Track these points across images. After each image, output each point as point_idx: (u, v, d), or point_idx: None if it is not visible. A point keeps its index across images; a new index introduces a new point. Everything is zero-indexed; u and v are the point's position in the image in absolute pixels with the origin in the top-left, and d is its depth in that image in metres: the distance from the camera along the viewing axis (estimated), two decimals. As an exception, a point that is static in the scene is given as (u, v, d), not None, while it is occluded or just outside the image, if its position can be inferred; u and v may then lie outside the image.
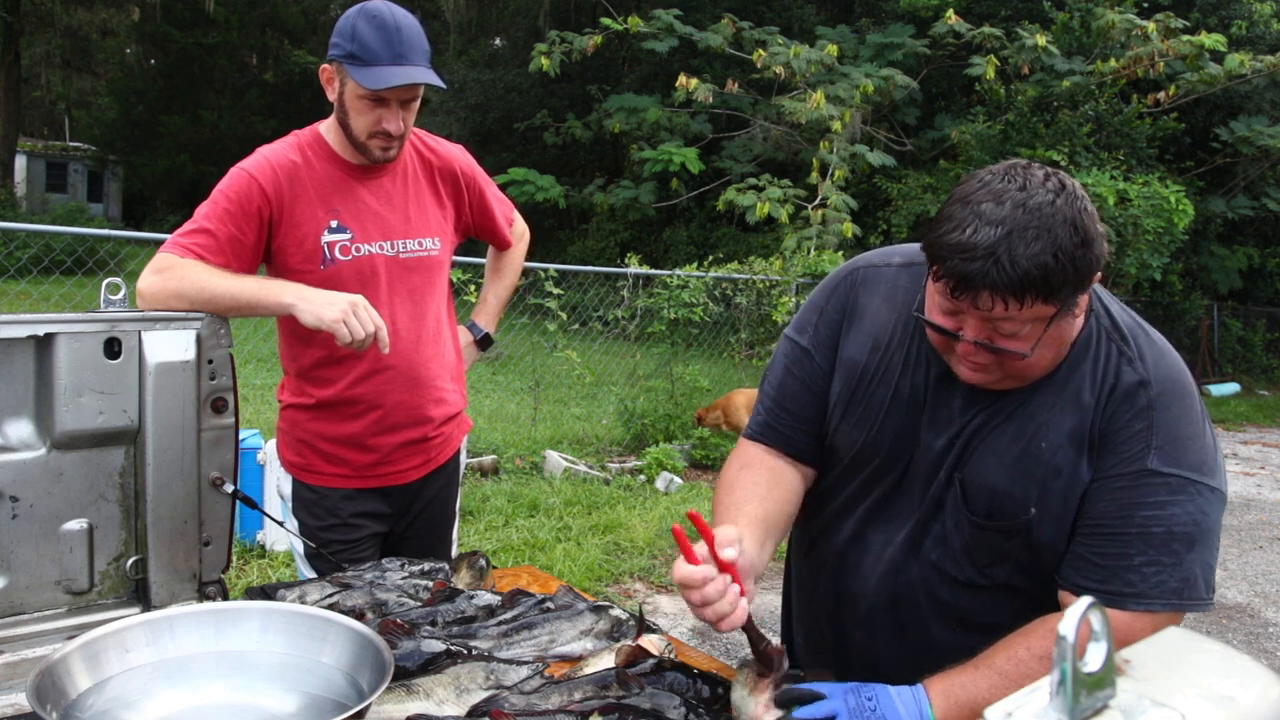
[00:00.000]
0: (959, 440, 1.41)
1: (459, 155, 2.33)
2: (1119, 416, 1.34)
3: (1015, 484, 1.36)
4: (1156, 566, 1.30)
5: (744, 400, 7.64)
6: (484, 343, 2.56)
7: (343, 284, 2.04)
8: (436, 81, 2.05)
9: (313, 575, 2.18)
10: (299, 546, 2.23)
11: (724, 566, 1.27)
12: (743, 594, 1.29)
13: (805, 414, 1.55)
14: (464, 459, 2.47)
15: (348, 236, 2.10)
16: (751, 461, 1.56)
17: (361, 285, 2.08)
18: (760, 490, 1.50)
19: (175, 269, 1.90)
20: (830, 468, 1.57)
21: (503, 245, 2.52)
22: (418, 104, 2.12)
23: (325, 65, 2.07)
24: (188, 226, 2.01)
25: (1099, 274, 1.29)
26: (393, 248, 2.14)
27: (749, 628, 1.31)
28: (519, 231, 2.58)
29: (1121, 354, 1.37)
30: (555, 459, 7.01)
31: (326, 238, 2.08)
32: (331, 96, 2.08)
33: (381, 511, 2.26)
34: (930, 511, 1.45)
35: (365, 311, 1.85)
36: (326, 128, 2.15)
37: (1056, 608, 1.39)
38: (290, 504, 2.26)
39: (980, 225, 1.23)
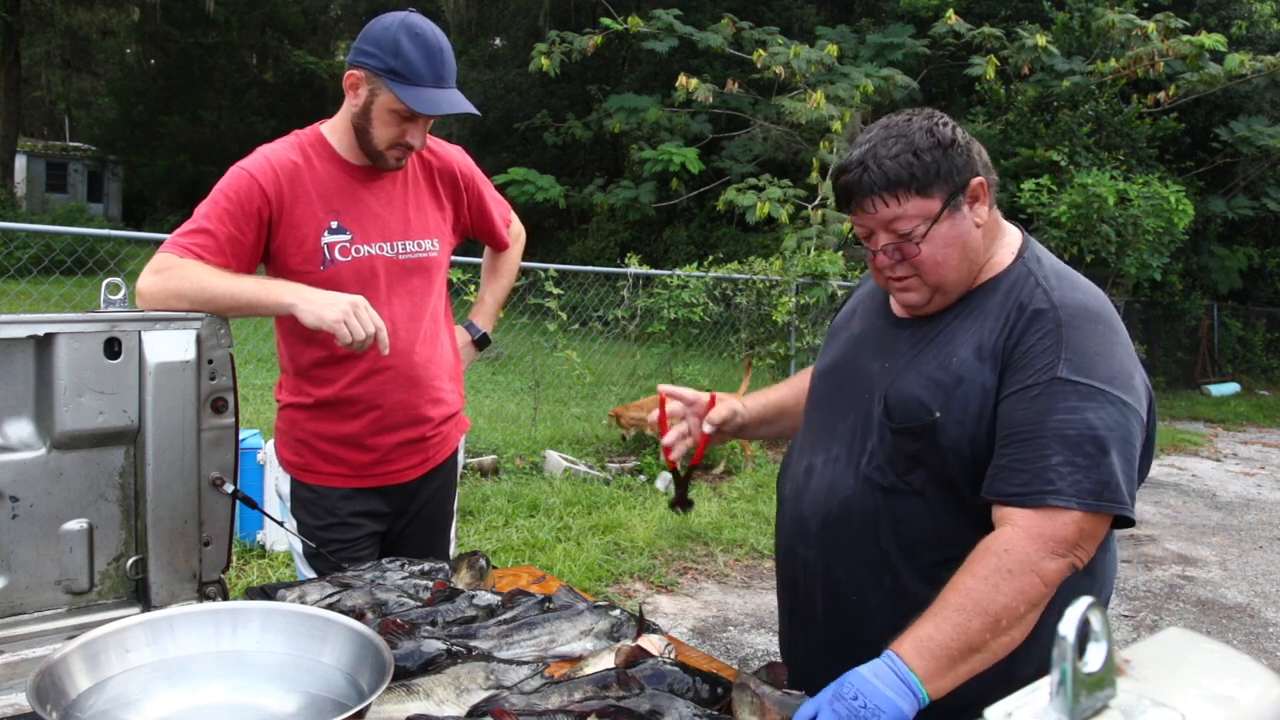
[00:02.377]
0: (889, 362, 1.60)
1: (458, 157, 2.33)
2: (1028, 336, 1.45)
3: (925, 392, 1.51)
4: (1072, 467, 1.37)
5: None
6: (481, 342, 2.56)
7: (342, 285, 2.04)
8: (474, 110, 2.06)
9: (312, 575, 2.18)
10: (298, 546, 2.23)
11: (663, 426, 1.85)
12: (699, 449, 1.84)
13: None
14: (462, 458, 2.47)
15: (347, 237, 2.09)
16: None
17: (361, 286, 2.08)
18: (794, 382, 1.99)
19: (175, 269, 1.90)
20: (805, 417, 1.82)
21: (500, 246, 2.53)
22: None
23: (352, 71, 2.04)
24: (187, 226, 2.00)
25: (980, 180, 1.50)
26: (391, 249, 2.14)
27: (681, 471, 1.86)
28: (515, 233, 2.58)
29: (1038, 284, 1.51)
30: (555, 459, 7.01)
31: (326, 238, 2.08)
32: (354, 102, 2.06)
33: (380, 511, 2.26)
34: (864, 430, 1.60)
35: (366, 312, 1.85)
36: (329, 128, 2.15)
37: (969, 516, 1.48)
38: (289, 503, 2.26)
39: (854, 150, 1.53)
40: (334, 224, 2.09)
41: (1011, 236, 1.60)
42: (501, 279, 2.60)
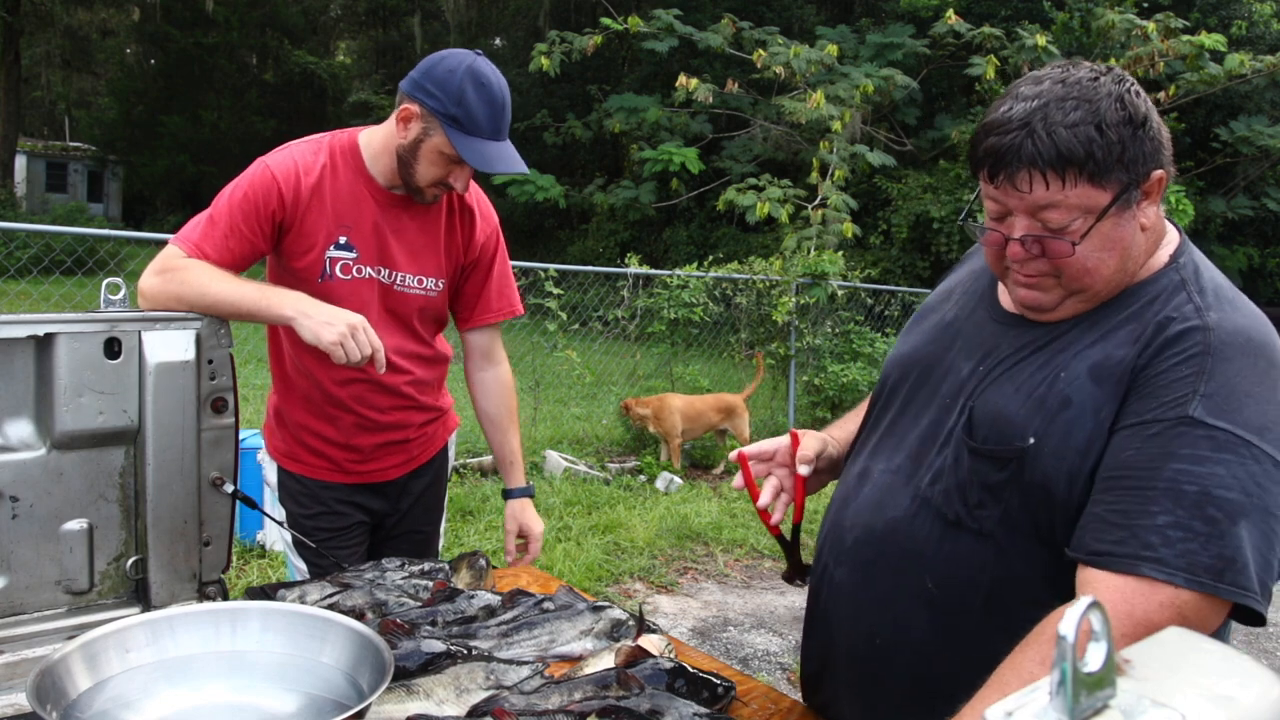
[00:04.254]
0: (984, 364, 1.31)
1: (491, 216, 2.29)
2: (1163, 359, 1.15)
3: (1021, 411, 1.22)
4: (1184, 531, 1.06)
5: (679, 404, 7.28)
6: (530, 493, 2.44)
7: (337, 301, 2.01)
8: (525, 169, 2.03)
9: (301, 565, 2.19)
10: (287, 536, 2.22)
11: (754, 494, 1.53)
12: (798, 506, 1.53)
13: None
14: (453, 452, 2.47)
15: (352, 256, 2.07)
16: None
17: (357, 306, 2.04)
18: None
19: (178, 271, 1.89)
20: (871, 411, 1.55)
21: (471, 322, 2.32)
22: None
23: (409, 105, 1.98)
24: (200, 219, 1.99)
25: (1161, 174, 1.19)
26: (389, 277, 2.11)
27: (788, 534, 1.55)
28: (506, 378, 2.39)
29: (1189, 300, 1.21)
30: (555, 459, 7.01)
31: (331, 253, 2.05)
32: (403, 135, 2.00)
33: (368, 505, 2.26)
34: (934, 442, 1.33)
35: (364, 334, 1.83)
36: (367, 140, 2.09)
37: (1047, 574, 1.23)
38: (276, 493, 2.25)
39: (1015, 103, 1.18)
40: (342, 239, 2.06)
41: (1169, 237, 1.30)
42: (513, 425, 2.42)
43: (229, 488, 1.68)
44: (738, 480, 1.55)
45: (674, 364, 8.90)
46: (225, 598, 1.69)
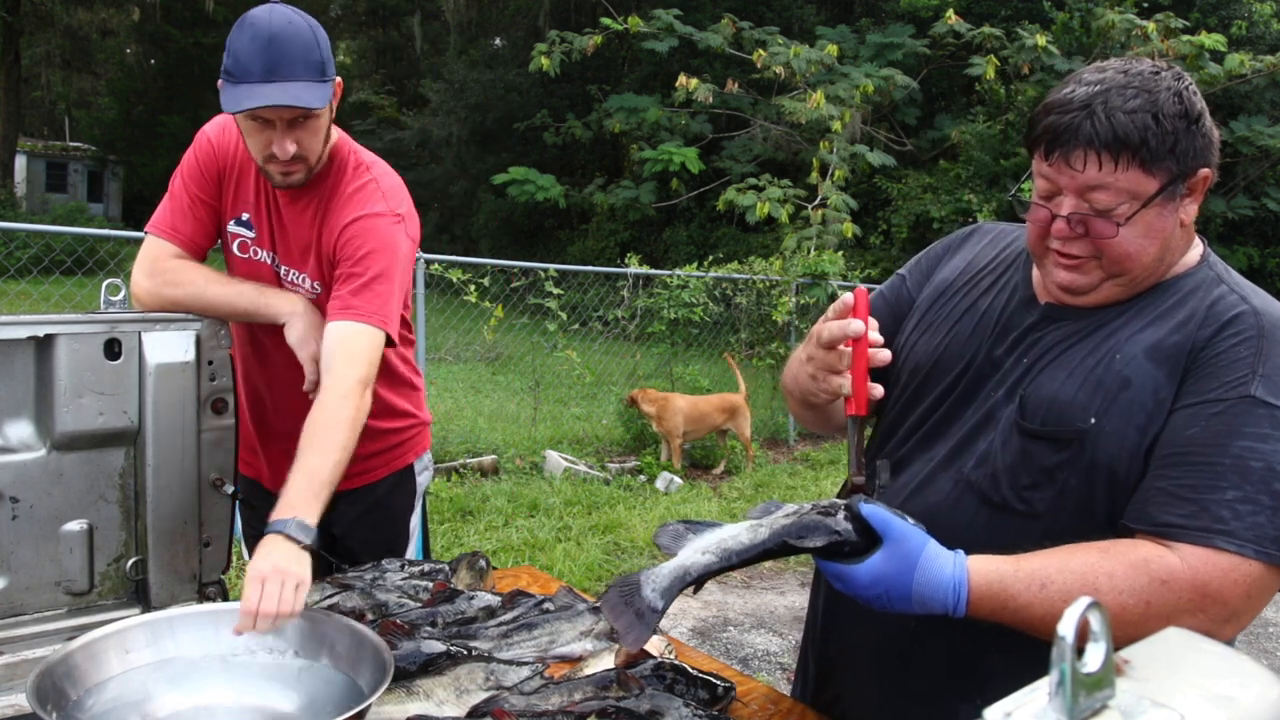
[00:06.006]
0: (1028, 356, 1.33)
1: (368, 202, 1.91)
2: (1220, 340, 1.22)
3: (1079, 393, 1.25)
4: (1253, 505, 1.13)
5: (683, 405, 7.34)
6: (297, 537, 1.49)
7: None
8: (308, 102, 1.74)
9: (249, 559, 2.14)
10: (239, 529, 2.13)
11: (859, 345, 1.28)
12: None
13: (882, 329, 1.50)
14: (423, 480, 2.26)
15: (250, 235, 2.00)
16: None
17: None
18: None
19: (169, 274, 1.88)
20: (889, 402, 1.49)
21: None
22: (319, 122, 1.83)
23: (220, 81, 1.80)
24: (163, 202, 1.98)
25: (1208, 173, 1.24)
26: (275, 265, 2.00)
27: (860, 425, 1.28)
28: (346, 383, 1.71)
29: (1232, 290, 1.28)
30: (555, 459, 7.00)
31: (233, 227, 2.01)
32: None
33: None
34: (978, 427, 1.34)
35: None
36: None
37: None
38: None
39: (1078, 86, 1.24)
40: (245, 215, 2.00)
41: (1196, 242, 1.37)
42: (318, 444, 1.63)
43: (229, 488, 1.68)
44: (848, 324, 1.27)
45: (674, 364, 8.90)
46: (225, 598, 1.69)
